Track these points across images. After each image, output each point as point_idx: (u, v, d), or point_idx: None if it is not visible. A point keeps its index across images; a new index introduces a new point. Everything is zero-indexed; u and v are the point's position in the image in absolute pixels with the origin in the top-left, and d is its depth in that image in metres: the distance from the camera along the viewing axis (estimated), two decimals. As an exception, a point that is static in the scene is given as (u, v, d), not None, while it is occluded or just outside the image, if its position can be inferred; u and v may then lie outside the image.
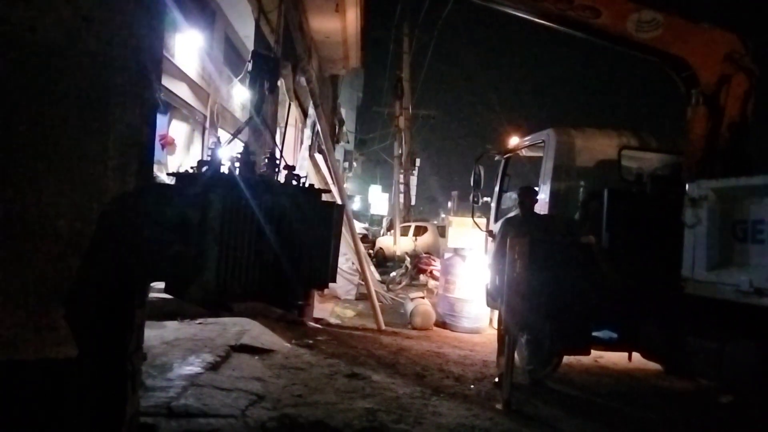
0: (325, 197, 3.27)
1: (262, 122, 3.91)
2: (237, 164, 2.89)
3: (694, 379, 5.23)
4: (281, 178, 3.14)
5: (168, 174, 3.11)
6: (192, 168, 2.92)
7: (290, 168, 3.25)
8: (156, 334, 4.73)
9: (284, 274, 2.85)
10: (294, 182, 3.10)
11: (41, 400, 2.07)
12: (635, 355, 5.17)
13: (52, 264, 2.09)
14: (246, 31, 12.21)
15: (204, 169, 2.82)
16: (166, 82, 8.64)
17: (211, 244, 2.58)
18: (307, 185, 3.17)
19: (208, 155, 2.90)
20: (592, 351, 5.32)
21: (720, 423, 4.47)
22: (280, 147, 3.84)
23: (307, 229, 2.95)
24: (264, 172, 3.14)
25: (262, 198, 2.77)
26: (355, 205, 36.19)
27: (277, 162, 3.21)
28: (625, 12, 4.93)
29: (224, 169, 2.84)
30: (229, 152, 3.04)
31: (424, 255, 13.75)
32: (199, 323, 5.68)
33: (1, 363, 2.02)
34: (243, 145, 3.96)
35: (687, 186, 4.27)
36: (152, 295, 4.59)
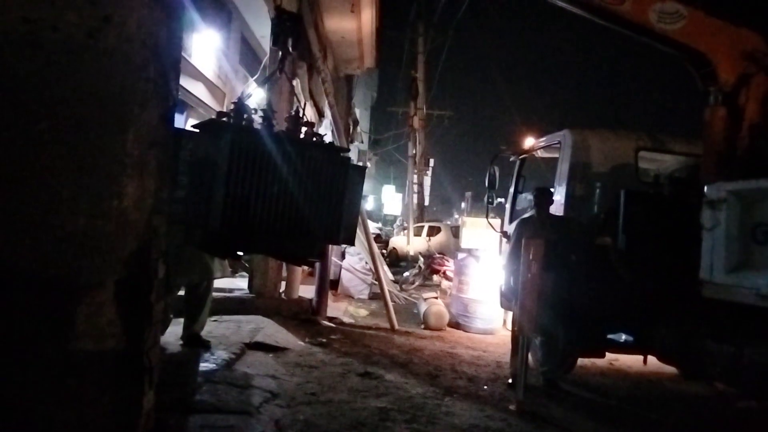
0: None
1: (288, 79, 4.00)
2: (255, 116, 2.94)
3: (711, 383, 5.17)
4: (301, 134, 3.18)
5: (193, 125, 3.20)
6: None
7: (310, 125, 3.28)
8: (171, 330, 4.77)
9: (293, 224, 2.87)
10: (314, 139, 3.14)
11: (59, 395, 2.10)
12: (651, 358, 5.12)
13: (71, 260, 2.12)
14: (262, 32, 12.29)
15: (222, 118, 2.87)
16: (184, 81, 8.73)
17: (218, 185, 2.61)
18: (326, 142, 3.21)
19: (232, 107, 2.95)
20: (607, 354, 5.28)
21: (737, 428, 4.41)
22: (302, 105, 3.88)
23: (320, 183, 2.95)
24: (286, 127, 3.19)
25: (275, 147, 2.80)
26: (369, 204, 36.23)
27: (300, 119, 3.25)
28: (650, 1, 4.89)
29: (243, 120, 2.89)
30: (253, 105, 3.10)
31: (438, 255, 13.72)
32: (215, 320, 5.73)
33: (19, 356, 2.05)
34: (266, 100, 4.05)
35: (705, 188, 4.21)
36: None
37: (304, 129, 3.21)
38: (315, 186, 2.97)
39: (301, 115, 3.32)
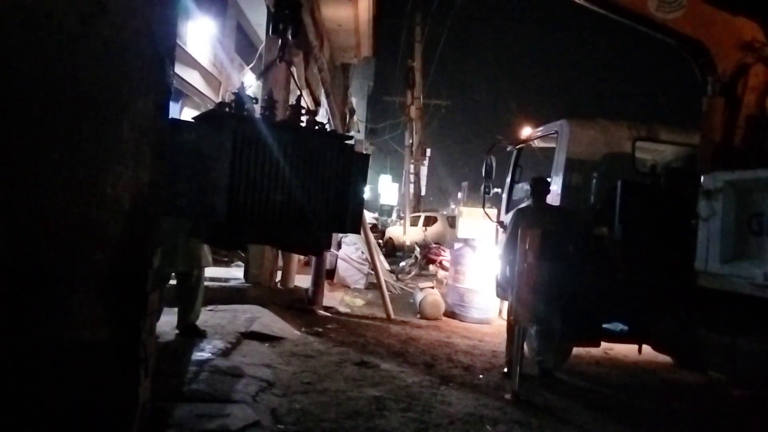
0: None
1: (286, 68, 3.97)
2: (257, 105, 2.93)
3: (705, 372, 5.21)
4: (303, 122, 3.17)
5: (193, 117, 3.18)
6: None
7: (312, 113, 3.26)
8: (167, 320, 4.77)
9: (298, 214, 2.87)
10: (316, 127, 3.13)
11: (55, 384, 2.10)
12: (645, 347, 5.15)
13: (66, 250, 2.11)
14: (258, 20, 12.22)
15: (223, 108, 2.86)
16: (179, 69, 8.67)
17: (222, 177, 2.61)
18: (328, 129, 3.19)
19: (232, 97, 2.93)
20: (603, 343, 5.31)
21: (731, 417, 4.45)
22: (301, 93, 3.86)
23: (324, 171, 2.95)
24: (287, 116, 3.17)
25: (278, 136, 2.79)
26: (365, 194, 36.12)
27: (301, 108, 3.23)
28: None
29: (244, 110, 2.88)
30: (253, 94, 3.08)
31: (434, 245, 13.75)
32: (210, 310, 5.73)
33: (18, 346, 2.05)
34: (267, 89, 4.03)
35: (702, 178, 4.22)
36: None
37: (305, 117, 3.20)
38: (320, 174, 2.95)
39: (301, 103, 3.29)
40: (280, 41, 3.58)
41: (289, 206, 2.84)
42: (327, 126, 3.25)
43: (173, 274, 4.78)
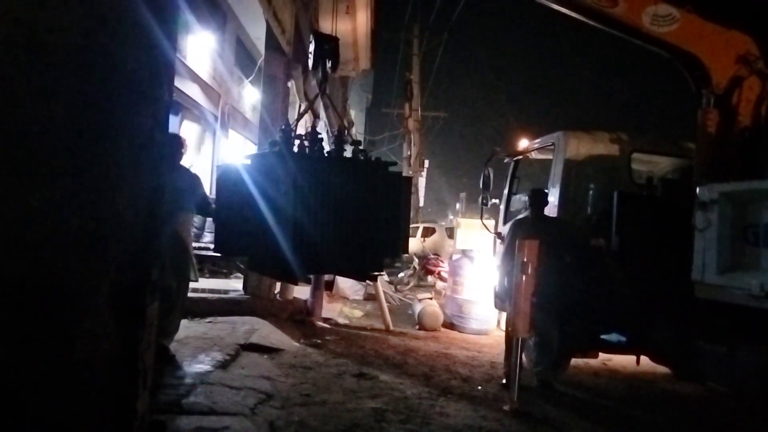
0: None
1: (328, 100, 4.03)
2: (305, 142, 2.98)
3: (703, 383, 5.20)
4: (348, 153, 3.22)
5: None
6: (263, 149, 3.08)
7: (357, 143, 3.31)
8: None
9: (357, 243, 2.93)
10: (361, 157, 3.18)
11: (52, 397, 2.10)
12: (644, 358, 5.15)
13: (64, 262, 2.12)
14: (257, 33, 12.28)
15: (275, 148, 2.92)
16: (178, 83, 8.72)
17: (284, 216, 2.68)
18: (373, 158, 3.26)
19: (279, 136, 2.99)
20: (601, 354, 5.31)
21: (729, 428, 4.44)
22: (346, 124, 3.97)
23: (376, 200, 3.01)
24: (331, 148, 3.22)
25: (332, 170, 2.86)
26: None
27: (345, 138, 3.28)
28: (643, 4, 4.92)
29: (293, 148, 2.93)
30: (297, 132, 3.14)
31: (432, 256, 13.76)
32: (209, 322, 5.73)
33: (13, 359, 2.05)
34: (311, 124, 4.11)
35: (698, 189, 4.25)
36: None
37: (351, 147, 3.28)
38: (374, 202, 3.03)
39: (345, 133, 3.37)
40: (320, 74, 3.66)
41: (347, 236, 2.91)
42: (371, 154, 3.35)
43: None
